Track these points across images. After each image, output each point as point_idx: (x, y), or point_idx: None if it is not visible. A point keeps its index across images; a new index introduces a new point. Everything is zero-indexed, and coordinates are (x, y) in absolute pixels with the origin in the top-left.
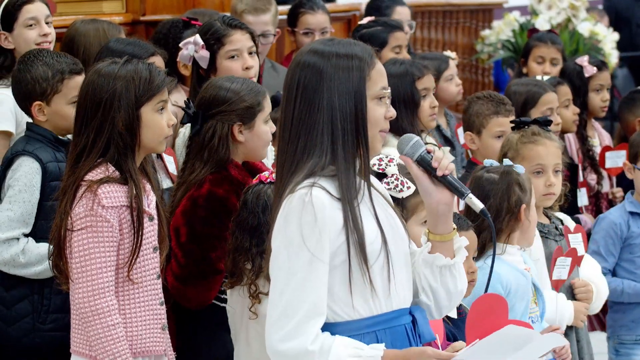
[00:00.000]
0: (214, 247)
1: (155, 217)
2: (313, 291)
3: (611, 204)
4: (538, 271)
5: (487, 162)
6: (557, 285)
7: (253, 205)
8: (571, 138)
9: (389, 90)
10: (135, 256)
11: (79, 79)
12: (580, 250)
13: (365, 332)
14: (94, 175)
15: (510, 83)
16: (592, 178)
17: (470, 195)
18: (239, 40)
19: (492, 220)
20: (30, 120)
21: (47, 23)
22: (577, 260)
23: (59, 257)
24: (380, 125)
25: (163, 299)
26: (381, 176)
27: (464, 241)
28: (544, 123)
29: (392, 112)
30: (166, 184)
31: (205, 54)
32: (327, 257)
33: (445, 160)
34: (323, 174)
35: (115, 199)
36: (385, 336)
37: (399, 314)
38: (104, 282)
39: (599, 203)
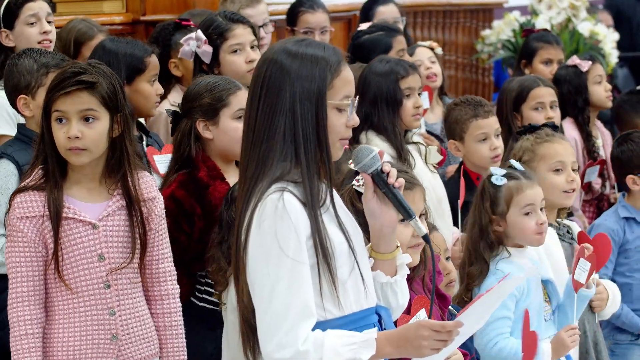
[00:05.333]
0: None
1: (108, 225)
2: (300, 294)
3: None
4: (555, 270)
5: None
6: (576, 287)
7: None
8: (577, 138)
9: (355, 99)
10: (53, 264)
11: None
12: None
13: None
14: (24, 182)
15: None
16: (596, 182)
17: (417, 218)
18: (241, 34)
19: None
20: (22, 120)
21: (48, 22)
22: (595, 267)
23: None
24: (341, 133)
25: (117, 309)
26: (356, 173)
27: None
28: (553, 128)
29: (355, 120)
30: None
31: (209, 49)
32: (306, 257)
33: (401, 179)
34: (288, 179)
35: (29, 209)
36: None
37: (369, 313)
38: (17, 292)
39: (601, 205)
